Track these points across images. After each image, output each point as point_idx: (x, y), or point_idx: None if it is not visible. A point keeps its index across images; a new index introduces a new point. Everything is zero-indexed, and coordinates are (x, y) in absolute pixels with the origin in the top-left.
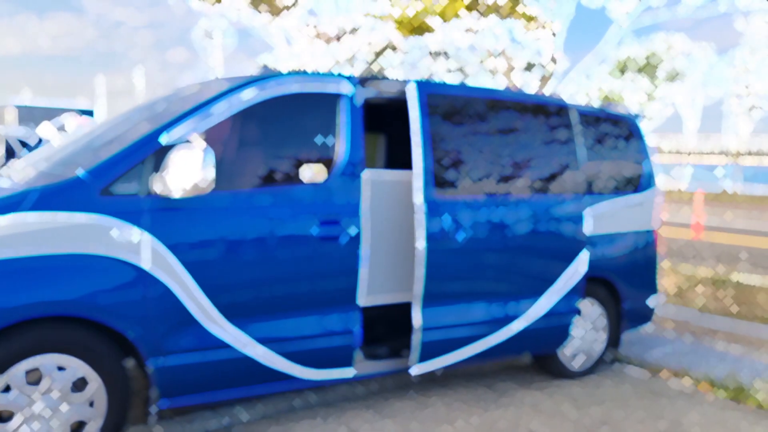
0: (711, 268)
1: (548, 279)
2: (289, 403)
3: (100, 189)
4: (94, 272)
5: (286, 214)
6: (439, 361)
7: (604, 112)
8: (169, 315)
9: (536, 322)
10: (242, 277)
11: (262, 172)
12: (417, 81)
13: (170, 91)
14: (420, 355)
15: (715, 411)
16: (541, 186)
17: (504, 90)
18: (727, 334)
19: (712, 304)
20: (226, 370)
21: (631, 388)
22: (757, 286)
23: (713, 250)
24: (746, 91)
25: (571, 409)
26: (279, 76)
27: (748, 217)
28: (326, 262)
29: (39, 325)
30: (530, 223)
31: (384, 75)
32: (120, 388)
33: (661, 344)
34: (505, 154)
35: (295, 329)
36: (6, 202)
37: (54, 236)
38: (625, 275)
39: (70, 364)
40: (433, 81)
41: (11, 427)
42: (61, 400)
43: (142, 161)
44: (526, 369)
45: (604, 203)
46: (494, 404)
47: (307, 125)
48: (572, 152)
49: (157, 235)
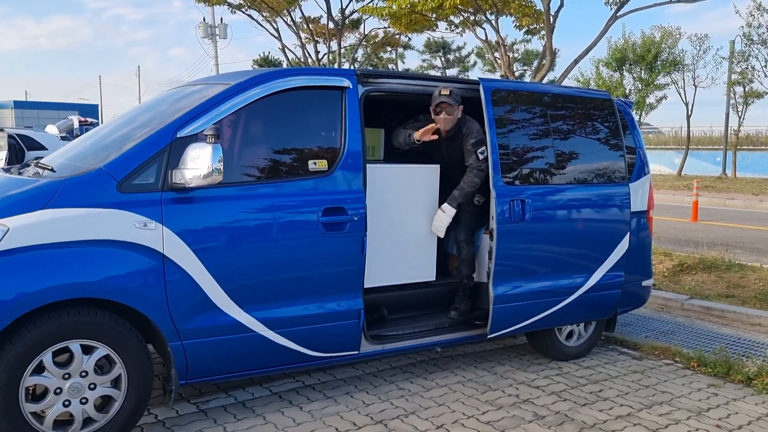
0: (703, 251)
1: (602, 256)
2: (298, 382)
3: (120, 180)
4: (117, 258)
5: (295, 202)
6: (509, 328)
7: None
8: (189, 298)
9: (591, 293)
10: (255, 263)
11: (272, 163)
12: (481, 79)
13: (176, 87)
14: (492, 323)
15: (705, 387)
16: (595, 173)
17: (555, 85)
18: (717, 316)
19: (703, 286)
20: (242, 351)
21: (624, 367)
22: (749, 268)
23: (708, 233)
24: (745, 78)
25: (568, 387)
26: (285, 71)
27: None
28: (332, 248)
29: (67, 312)
30: (587, 206)
31: (407, 69)
32: (142, 369)
33: (653, 325)
34: (560, 143)
35: (305, 311)
36: (32, 193)
37: (78, 225)
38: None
39: (96, 347)
40: (496, 79)
41: (46, 404)
42: (88, 381)
43: (157, 154)
44: (523, 352)
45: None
46: (494, 384)
47: (312, 118)
48: (618, 141)
49: (174, 223)
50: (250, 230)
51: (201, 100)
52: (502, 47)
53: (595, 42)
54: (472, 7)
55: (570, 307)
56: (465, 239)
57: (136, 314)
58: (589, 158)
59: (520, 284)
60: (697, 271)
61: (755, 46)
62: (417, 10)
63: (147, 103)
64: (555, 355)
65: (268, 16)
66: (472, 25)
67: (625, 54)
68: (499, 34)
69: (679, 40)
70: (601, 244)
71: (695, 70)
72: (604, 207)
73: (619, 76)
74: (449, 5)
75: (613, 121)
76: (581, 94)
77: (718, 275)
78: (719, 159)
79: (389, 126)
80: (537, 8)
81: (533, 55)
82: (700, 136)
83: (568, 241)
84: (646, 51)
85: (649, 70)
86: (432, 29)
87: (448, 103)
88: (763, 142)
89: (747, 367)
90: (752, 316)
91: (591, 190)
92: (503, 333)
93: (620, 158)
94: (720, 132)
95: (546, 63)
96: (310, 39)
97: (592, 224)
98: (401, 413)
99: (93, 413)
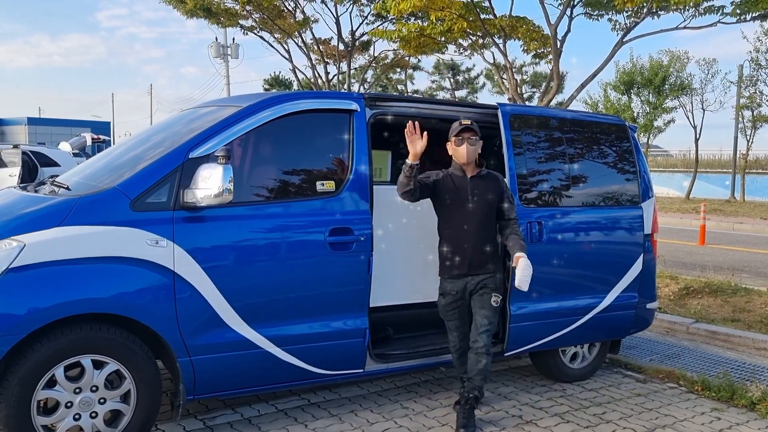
0: (709, 274)
1: (616, 277)
2: (304, 400)
3: (133, 199)
4: (129, 275)
5: (302, 222)
6: (525, 347)
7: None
8: (198, 315)
9: (605, 313)
10: (263, 281)
11: (280, 183)
12: (500, 104)
13: (189, 108)
14: (509, 341)
15: (709, 411)
16: (609, 196)
17: (570, 110)
18: (723, 340)
19: (708, 310)
20: (249, 367)
21: (628, 390)
22: (755, 292)
23: (715, 257)
24: (753, 102)
25: (571, 409)
26: (294, 95)
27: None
28: (339, 268)
29: (80, 328)
30: (601, 228)
31: (405, 92)
32: (151, 384)
33: (658, 348)
34: (576, 166)
35: (311, 329)
36: (48, 210)
37: (92, 242)
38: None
39: (106, 363)
40: (514, 104)
41: (57, 418)
42: (98, 395)
43: (169, 174)
44: (527, 374)
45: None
46: (497, 405)
47: (321, 139)
48: (632, 165)
49: (185, 241)
50: (259, 249)
51: (212, 122)
52: (510, 71)
53: (602, 66)
54: (480, 31)
55: (585, 327)
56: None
57: (145, 330)
58: (603, 181)
59: (536, 303)
60: (703, 294)
61: (763, 71)
62: (426, 34)
63: (160, 123)
64: (559, 377)
65: (280, 37)
66: (480, 48)
67: (633, 77)
68: (507, 58)
69: (687, 64)
70: (616, 265)
71: (703, 93)
72: (618, 229)
73: (627, 99)
74: (458, 29)
75: (626, 144)
76: (595, 119)
77: (724, 299)
78: (728, 182)
79: (396, 148)
80: (544, 33)
81: (542, 77)
82: (709, 159)
83: (583, 262)
84: (654, 75)
85: (657, 93)
86: (441, 52)
87: (474, 131)
88: None
89: (751, 391)
90: (758, 340)
91: (606, 213)
92: (520, 351)
93: (633, 181)
94: (729, 155)
95: (553, 86)
96: (320, 60)
97: (606, 245)
98: None
99: (102, 427)
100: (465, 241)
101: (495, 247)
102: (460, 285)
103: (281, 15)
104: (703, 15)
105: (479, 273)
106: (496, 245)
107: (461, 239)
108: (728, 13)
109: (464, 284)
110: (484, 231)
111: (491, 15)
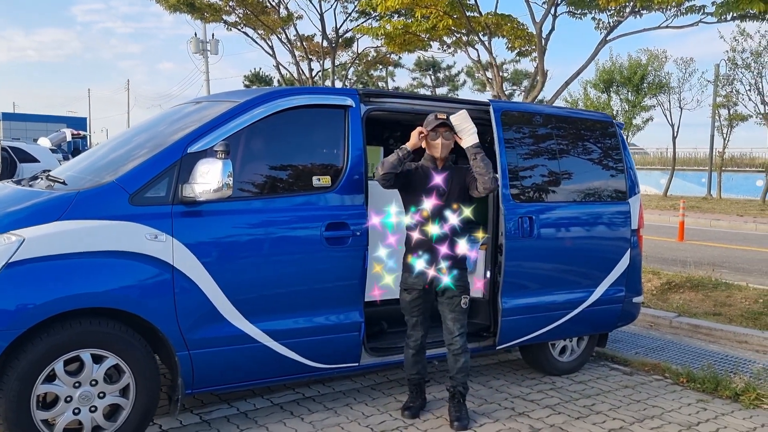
0: (690, 270)
1: (605, 271)
2: (299, 394)
3: (132, 193)
4: (128, 269)
5: (299, 217)
6: (516, 340)
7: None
8: (197, 309)
9: (594, 307)
10: (260, 275)
11: (277, 178)
12: (492, 100)
13: (180, 104)
14: (501, 335)
15: (695, 402)
16: (598, 191)
17: (559, 107)
18: (705, 333)
19: (691, 304)
20: (247, 361)
21: (615, 382)
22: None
23: (694, 253)
24: (730, 101)
25: (562, 401)
26: (290, 90)
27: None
28: (335, 262)
29: (79, 322)
30: (590, 223)
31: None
32: (150, 379)
33: (642, 342)
34: (565, 162)
35: (308, 323)
36: (47, 204)
37: (91, 236)
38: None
39: (106, 357)
40: (506, 101)
41: (56, 412)
42: (98, 389)
43: (168, 168)
44: (517, 367)
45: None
46: (489, 398)
47: (317, 135)
48: (619, 162)
49: (184, 235)
50: (256, 243)
51: (210, 117)
52: (495, 68)
53: (586, 64)
54: (464, 28)
55: (575, 321)
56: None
57: (144, 324)
58: (592, 177)
59: (527, 297)
60: (685, 289)
61: (739, 70)
62: (411, 31)
63: (152, 119)
64: (548, 370)
65: (263, 34)
66: (465, 45)
67: (613, 76)
68: (492, 55)
69: (665, 63)
70: (605, 259)
71: (681, 92)
72: (607, 224)
73: (606, 97)
74: (443, 26)
75: (613, 141)
76: (584, 116)
77: (705, 294)
78: (704, 180)
79: (388, 144)
80: (529, 31)
81: (522, 75)
82: (686, 157)
83: (573, 256)
84: (633, 73)
85: (636, 91)
86: (425, 49)
87: (449, 126)
88: (747, 164)
89: (734, 383)
90: (739, 333)
91: (595, 208)
92: (511, 344)
93: (620, 177)
94: (705, 153)
95: (538, 83)
96: (303, 57)
97: (596, 241)
98: (401, 425)
99: (102, 421)
100: (433, 234)
101: (462, 241)
102: (425, 280)
103: (265, 11)
104: (685, 14)
105: (446, 268)
106: (462, 239)
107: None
108: (710, 12)
109: (430, 279)
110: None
111: (476, 12)
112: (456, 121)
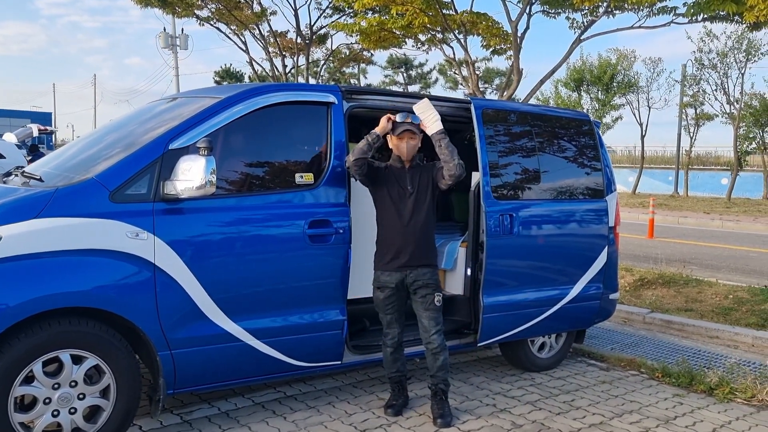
0: (662, 267)
1: (583, 268)
2: (280, 393)
3: (112, 190)
4: (109, 268)
5: (282, 214)
6: (497, 337)
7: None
8: (179, 308)
9: (573, 303)
10: (243, 273)
11: (260, 176)
12: (473, 98)
13: (158, 99)
14: (482, 332)
15: (671, 396)
16: (577, 189)
17: (539, 105)
18: (678, 329)
19: (663, 301)
20: (229, 360)
21: (593, 378)
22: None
23: (664, 250)
24: (696, 101)
25: (542, 397)
26: (273, 86)
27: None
28: (318, 260)
29: (58, 322)
30: (570, 220)
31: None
32: (130, 379)
33: (617, 337)
34: (545, 160)
35: (290, 321)
36: (24, 202)
37: (70, 234)
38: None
39: (86, 357)
40: (487, 99)
41: (35, 414)
42: (77, 391)
43: (149, 165)
44: (496, 364)
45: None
46: (471, 395)
47: (300, 132)
48: (597, 160)
49: (165, 233)
50: (240, 241)
51: (191, 114)
52: (471, 66)
53: (560, 63)
54: (440, 26)
55: (554, 317)
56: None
57: (125, 324)
58: (571, 174)
59: (508, 295)
60: (657, 285)
61: (706, 70)
62: (386, 28)
63: (129, 115)
64: (528, 367)
65: (236, 29)
66: (439, 43)
67: (583, 75)
68: (468, 53)
69: (634, 63)
70: (583, 257)
71: (649, 91)
72: (586, 221)
73: (577, 96)
74: (418, 24)
75: (591, 140)
76: (563, 114)
77: (676, 290)
78: (671, 178)
79: None
80: (504, 29)
81: (494, 73)
82: (654, 156)
83: (553, 253)
84: (603, 72)
85: (606, 90)
86: (399, 46)
87: (412, 131)
88: (713, 163)
89: (709, 377)
90: (710, 329)
91: (573, 205)
92: (492, 341)
93: (598, 175)
94: (672, 152)
95: (514, 82)
96: (277, 53)
97: (575, 238)
98: (384, 423)
99: (81, 423)
100: (403, 232)
101: (433, 238)
102: (397, 277)
103: (238, 6)
104: (657, 15)
105: (417, 265)
106: (433, 237)
107: (399, 230)
108: (681, 13)
109: (402, 277)
110: (422, 222)
111: (452, 10)
112: (419, 110)
